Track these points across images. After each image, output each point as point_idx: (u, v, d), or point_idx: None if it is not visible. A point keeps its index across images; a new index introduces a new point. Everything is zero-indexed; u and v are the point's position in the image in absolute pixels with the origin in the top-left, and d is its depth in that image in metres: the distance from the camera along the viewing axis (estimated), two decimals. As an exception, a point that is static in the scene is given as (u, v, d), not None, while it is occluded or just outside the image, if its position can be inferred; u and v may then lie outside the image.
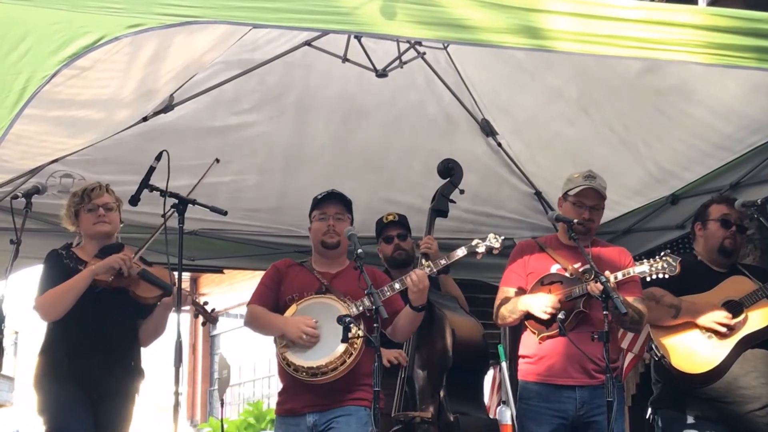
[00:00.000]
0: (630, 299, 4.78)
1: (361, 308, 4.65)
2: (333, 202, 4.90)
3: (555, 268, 4.93)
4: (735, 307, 5.02)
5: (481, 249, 4.67)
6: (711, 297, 5.07)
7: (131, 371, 4.98)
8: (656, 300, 5.00)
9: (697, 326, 5.02)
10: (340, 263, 4.95)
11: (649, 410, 5.32)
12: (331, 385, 4.59)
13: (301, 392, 4.66)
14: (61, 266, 4.89)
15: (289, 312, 4.72)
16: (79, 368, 4.79)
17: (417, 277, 4.55)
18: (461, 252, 4.67)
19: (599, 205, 5.01)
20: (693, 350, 5.00)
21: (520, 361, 4.98)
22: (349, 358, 4.57)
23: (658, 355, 5.09)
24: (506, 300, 4.96)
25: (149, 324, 5.04)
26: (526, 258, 5.05)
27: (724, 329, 4.96)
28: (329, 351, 4.56)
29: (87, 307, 4.79)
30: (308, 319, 4.63)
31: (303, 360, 4.60)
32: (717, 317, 4.98)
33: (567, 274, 4.85)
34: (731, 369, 4.95)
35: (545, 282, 4.89)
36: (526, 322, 4.91)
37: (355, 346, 4.56)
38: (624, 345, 6.72)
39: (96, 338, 4.84)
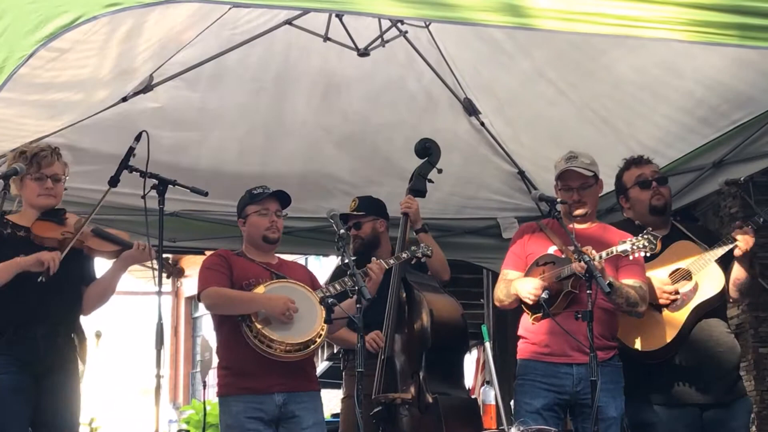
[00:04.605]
0: (630, 281, 4.72)
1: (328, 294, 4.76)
2: (274, 200, 5.04)
3: (552, 250, 4.89)
4: (684, 276, 4.92)
5: (419, 255, 5.29)
6: (657, 266, 4.95)
7: (72, 342, 4.77)
8: None
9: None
10: (272, 256, 5.14)
11: None
12: (292, 365, 4.76)
13: (267, 371, 4.76)
14: None
15: (258, 291, 4.83)
16: (24, 338, 4.59)
17: (376, 267, 4.94)
18: (405, 256, 5.26)
19: (586, 183, 4.94)
20: (646, 327, 4.88)
21: (520, 341, 4.97)
22: (318, 338, 4.78)
23: None
24: (504, 283, 4.95)
25: (98, 285, 4.86)
26: (526, 240, 5.03)
27: (677, 297, 4.86)
28: (305, 330, 4.76)
29: (32, 278, 4.55)
30: (289, 297, 4.77)
31: (283, 336, 4.73)
32: (662, 291, 4.88)
33: (562, 256, 4.81)
34: (690, 340, 4.85)
35: (540, 263, 4.86)
36: (521, 305, 4.88)
37: (322, 328, 4.78)
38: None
39: (41, 309, 4.63)
